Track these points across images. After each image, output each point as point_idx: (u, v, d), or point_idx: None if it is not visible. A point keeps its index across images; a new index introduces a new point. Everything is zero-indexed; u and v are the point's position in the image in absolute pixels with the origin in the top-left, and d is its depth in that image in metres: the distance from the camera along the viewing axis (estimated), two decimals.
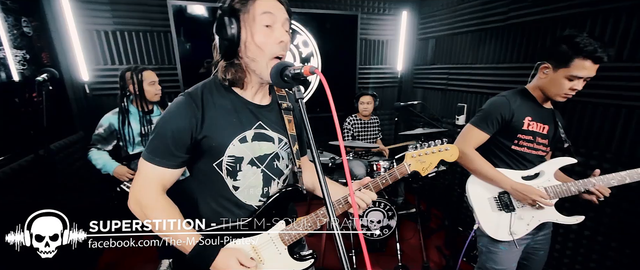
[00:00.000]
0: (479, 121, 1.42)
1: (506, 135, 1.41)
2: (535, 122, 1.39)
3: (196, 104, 0.87)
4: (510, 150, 1.42)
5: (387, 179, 1.07)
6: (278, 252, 1.01)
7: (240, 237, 0.98)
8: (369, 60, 3.62)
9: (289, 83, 0.74)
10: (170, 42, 2.77)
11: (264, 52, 0.85)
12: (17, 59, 1.91)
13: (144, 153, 0.89)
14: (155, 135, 0.88)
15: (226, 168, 0.92)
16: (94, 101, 2.67)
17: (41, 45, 2.20)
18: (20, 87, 1.88)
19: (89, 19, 2.52)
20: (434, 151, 1.09)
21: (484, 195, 1.46)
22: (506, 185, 1.39)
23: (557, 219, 1.42)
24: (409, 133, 2.60)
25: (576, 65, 1.21)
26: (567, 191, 1.37)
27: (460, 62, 3.04)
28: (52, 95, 2.14)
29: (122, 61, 2.70)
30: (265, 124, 0.97)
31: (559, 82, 1.27)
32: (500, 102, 1.40)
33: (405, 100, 3.59)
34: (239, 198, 0.96)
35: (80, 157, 2.49)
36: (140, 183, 0.88)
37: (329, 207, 0.62)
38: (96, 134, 1.90)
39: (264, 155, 0.97)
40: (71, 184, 2.30)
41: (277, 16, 0.84)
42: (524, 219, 1.42)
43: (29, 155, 1.77)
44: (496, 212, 1.45)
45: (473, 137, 1.42)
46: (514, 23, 2.42)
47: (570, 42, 1.21)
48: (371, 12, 3.44)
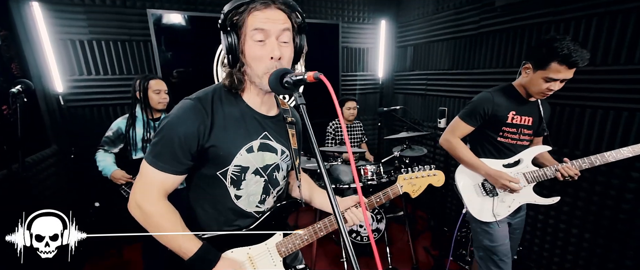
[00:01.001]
0: (464, 114, 1.59)
1: (492, 128, 1.57)
2: (519, 115, 1.54)
3: (206, 111, 0.85)
4: (495, 142, 1.58)
5: (381, 197, 1.13)
6: (273, 264, 1.01)
7: (238, 245, 0.98)
8: (351, 68, 3.70)
9: (289, 89, 0.74)
10: (150, 51, 2.71)
11: (257, 65, 0.84)
12: None
13: (147, 157, 0.86)
14: (160, 139, 0.85)
15: (231, 177, 0.92)
16: (69, 113, 2.54)
17: (10, 55, 2.09)
18: None
19: (62, 28, 2.42)
20: (423, 175, 1.19)
21: (470, 183, 1.64)
22: (481, 171, 1.56)
23: (535, 200, 1.59)
24: (394, 137, 2.68)
25: (552, 69, 1.33)
26: (543, 175, 1.54)
27: (437, 68, 3.19)
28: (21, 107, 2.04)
29: (99, 71, 2.60)
30: (270, 134, 0.97)
31: (537, 82, 1.40)
32: (484, 98, 1.55)
33: (387, 105, 3.69)
34: (240, 206, 0.96)
35: (54, 173, 2.36)
36: (142, 187, 0.86)
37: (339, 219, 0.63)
38: (105, 136, 1.99)
39: (267, 165, 0.97)
40: (47, 198, 2.17)
41: (270, 31, 0.81)
42: (506, 202, 1.59)
43: (2, 170, 1.65)
44: (481, 197, 1.62)
45: (459, 128, 1.60)
46: (485, 31, 2.58)
47: (549, 46, 1.31)
48: (351, 22, 3.54)
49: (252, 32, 0.81)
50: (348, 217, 1.06)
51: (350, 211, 1.07)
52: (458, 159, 1.62)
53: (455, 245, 2.41)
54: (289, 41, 0.86)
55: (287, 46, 0.86)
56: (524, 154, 1.59)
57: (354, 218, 1.06)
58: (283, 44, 0.85)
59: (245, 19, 0.82)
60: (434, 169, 1.21)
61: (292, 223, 2.93)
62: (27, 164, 2.01)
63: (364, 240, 2.50)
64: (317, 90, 3.39)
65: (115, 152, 2.01)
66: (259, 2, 0.81)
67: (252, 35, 0.82)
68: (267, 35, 0.82)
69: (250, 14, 0.81)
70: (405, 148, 2.66)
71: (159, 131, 0.86)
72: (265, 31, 0.82)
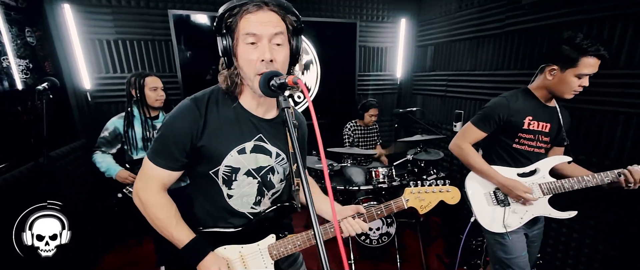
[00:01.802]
0: (478, 120, 1.52)
1: (507, 134, 1.49)
2: (536, 121, 1.45)
3: (200, 111, 0.89)
4: (511, 149, 1.51)
5: (382, 210, 1.08)
6: (264, 266, 1.01)
7: (231, 243, 0.99)
8: (368, 67, 3.64)
9: (275, 92, 0.74)
10: (171, 50, 2.81)
11: (248, 68, 0.84)
12: (20, 68, 1.95)
13: (148, 152, 0.92)
14: (159, 137, 0.90)
15: (222, 176, 0.94)
16: (95, 109, 2.70)
17: (44, 54, 2.24)
18: (23, 95, 1.91)
19: (91, 28, 2.56)
20: (434, 191, 1.10)
21: (480, 191, 1.56)
22: (494, 180, 1.48)
23: (549, 214, 1.49)
24: (407, 140, 2.60)
25: (584, 64, 1.29)
26: (560, 188, 1.44)
27: (458, 69, 3.05)
28: (54, 103, 2.17)
29: (123, 69, 2.74)
30: (265, 137, 0.97)
31: (569, 81, 1.34)
32: (499, 103, 1.47)
33: (404, 106, 3.60)
34: (231, 205, 0.98)
35: (83, 164, 2.52)
36: (143, 181, 0.92)
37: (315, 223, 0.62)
38: (101, 137, 1.93)
39: (260, 167, 0.97)
40: (73, 189, 2.32)
41: (261, 35, 0.81)
42: (518, 213, 1.50)
43: (30, 162, 1.79)
44: (492, 206, 1.54)
45: (471, 134, 1.52)
46: (511, 30, 2.43)
47: (573, 44, 1.29)
48: (370, 20, 3.47)
49: (244, 36, 0.82)
50: (344, 227, 1.04)
51: (346, 221, 1.04)
52: (469, 166, 1.55)
53: (469, 254, 2.31)
54: (283, 43, 0.85)
55: (281, 49, 0.85)
56: (541, 163, 1.49)
57: (350, 228, 1.03)
58: (276, 46, 0.84)
59: (238, 21, 0.82)
60: (448, 185, 1.11)
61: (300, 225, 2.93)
62: (57, 155, 2.16)
63: (373, 244, 2.46)
64: (335, 92, 3.38)
65: (113, 152, 1.96)
66: (251, 4, 0.81)
67: (245, 39, 0.82)
68: (259, 39, 0.82)
69: (243, 17, 0.81)
70: (420, 151, 2.58)
71: (159, 129, 0.92)
72: (257, 35, 0.81)
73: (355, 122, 3.07)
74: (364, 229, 1.03)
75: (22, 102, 1.90)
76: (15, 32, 1.95)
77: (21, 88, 1.92)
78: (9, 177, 1.64)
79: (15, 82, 1.90)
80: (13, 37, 1.92)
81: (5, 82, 1.81)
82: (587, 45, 1.27)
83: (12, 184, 1.65)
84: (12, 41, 1.91)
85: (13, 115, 1.83)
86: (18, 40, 1.97)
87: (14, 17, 1.95)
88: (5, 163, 1.67)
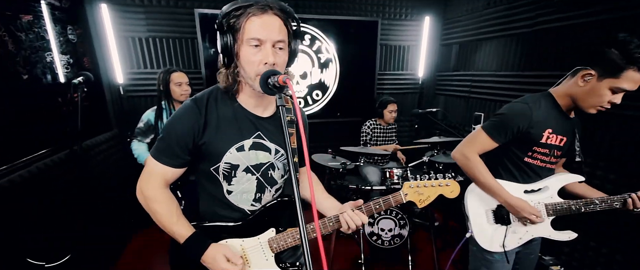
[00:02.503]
0: (492, 127, 1.31)
1: (521, 147, 1.32)
2: (555, 134, 1.28)
3: (200, 111, 0.93)
4: (521, 162, 1.35)
5: (381, 204, 1.08)
6: (265, 258, 1.04)
7: (232, 236, 1.04)
8: (389, 66, 3.58)
9: (272, 90, 0.77)
10: (196, 47, 2.94)
11: (250, 69, 0.87)
12: (62, 63, 2.14)
13: (152, 151, 0.96)
14: (162, 135, 0.96)
15: (222, 173, 0.98)
16: (127, 101, 2.90)
17: (83, 50, 2.44)
18: (64, 88, 2.10)
19: (125, 26, 2.75)
20: (433, 185, 1.09)
21: (481, 207, 1.42)
22: (501, 198, 1.33)
23: (549, 235, 1.38)
24: (425, 141, 2.54)
25: (627, 77, 1.08)
26: (567, 210, 1.32)
27: (484, 69, 2.92)
28: (90, 95, 2.38)
29: (153, 65, 2.91)
30: (264, 134, 1.00)
31: (601, 93, 1.14)
32: (520, 111, 1.26)
33: (426, 107, 3.51)
34: (231, 201, 1.02)
35: (115, 152, 2.73)
36: (146, 177, 0.97)
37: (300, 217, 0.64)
38: (138, 127, 2.16)
39: (260, 163, 1.01)
40: (106, 176, 2.52)
41: (266, 39, 0.84)
42: (518, 233, 1.39)
43: (66, 150, 1.97)
44: (491, 225, 1.41)
45: (481, 143, 1.33)
46: (542, 28, 2.29)
47: (624, 49, 1.06)
48: (392, 18, 3.41)
49: (248, 39, 0.85)
50: (343, 220, 1.05)
51: (346, 214, 1.05)
52: (474, 179, 1.37)
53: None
54: (284, 47, 0.89)
55: (283, 52, 0.89)
56: (551, 181, 1.35)
57: (349, 222, 1.04)
58: (278, 50, 0.87)
59: (242, 23, 0.84)
60: (448, 179, 1.11)
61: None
62: (91, 144, 2.36)
63: (385, 244, 2.44)
64: (354, 90, 3.36)
65: (148, 142, 2.18)
66: (256, 7, 0.83)
67: (249, 41, 0.85)
68: (263, 43, 0.85)
69: (248, 19, 0.84)
70: (437, 153, 2.51)
71: (163, 129, 0.97)
72: (262, 40, 0.85)
73: (374, 121, 3.05)
74: (364, 221, 1.04)
75: (63, 94, 2.09)
76: (59, 30, 2.14)
77: (63, 81, 2.11)
78: (49, 162, 1.82)
79: (58, 75, 2.09)
80: (57, 35, 2.11)
81: (48, 76, 1.99)
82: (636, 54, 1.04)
83: (51, 169, 1.82)
84: (56, 38, 2.10)
85: (55, 106, 2.02)
86: (61, 37, 2.16)
87: (58, 16, 2.14)
88: (47, 149, 1.86)
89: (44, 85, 1.93)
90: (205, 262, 0.95)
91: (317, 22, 3.13)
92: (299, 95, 3.30)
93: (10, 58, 1.65)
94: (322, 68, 3.28)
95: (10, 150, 1.60)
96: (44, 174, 1.76)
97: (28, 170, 1.65)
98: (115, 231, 2.58)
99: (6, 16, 1.64)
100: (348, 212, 1.04)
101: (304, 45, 3.16)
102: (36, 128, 1.80)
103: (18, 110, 1.67)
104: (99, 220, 2.27)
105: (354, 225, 1.03)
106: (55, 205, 1.82)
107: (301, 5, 3.12)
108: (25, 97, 1.74)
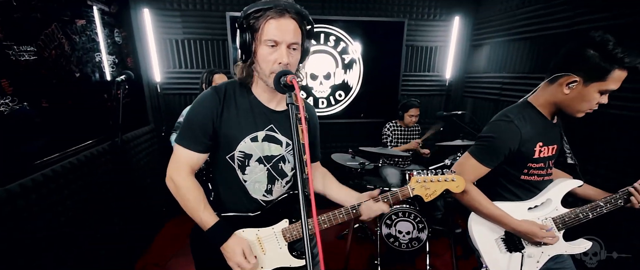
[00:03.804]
0: (479, 152, 1.22)
1: (515, 166, 1.24)
2: (547, 146, 1.21)
3: (219, 98, 1.02)
4: (518, 181, 1.26)
5: (389, 198, 1.12)
6: (278, 247, 1.11)
7: (248, 226, 1.11)
8: (415, 67, 3.53)
9: (283, 89, 0.83)
10: (226, 48, 3.11)
11: (265, 66, 0.95)
12: (109, 63, 2.38)
13: (176, 137, 1.05)
14: (185, 121, 1.04)
15: (237, 161, 1.06)
16: (163, 99, 3.14)
17: (127, 51, 2.69)
18: (110, 85, 2.34)
19: (164, 29, 2.97)
20: (439, 180, 1.11)
21: (490, 236, 1.32)
22: (508, 226, 1.25)
23: (566, 251, 1.29)
24: (446, 144, 2.49)
25: (613, 78, 1.04)
26: (575, 220, 1.24)
27: (516, 71, 2.79)
28: (131, 93, 2.61)
29: (187, 65, 3.12)
30: (276, 127, 1.07)
31: (590, 98, 1.09)
32: (508, 131, 1.17)
33: (453, 109, 3.41)
34: (247, 189, 1.09)
35: (151, 145, 2.96)
36: (174, 164, 1.04)
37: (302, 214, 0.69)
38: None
39: (271, 155, 1.08)
40: (142, 166, 2.75)
41: (281, 41, 0.91)
42: (534, 257, 1.30)
43: (108, 141, 2.19)
44: (505, 254, 1.31)
45: (473, 171, 1.23)
46: (580, 29, 2.15)
47: (604, 51, 1.02)
48: (420, 18, 3.36)
49: (265, 39, 0.92)
50: (362, 210, 1.09)
51: (365, 204, 1.09)
52: (475, 210, 1.28)
53: None
54: (297, 48, 0.96)
55: (296, 52, 0.96)
56: (552, 193, 1.27)
57: (368, 211, 1.08)
58: (292, 51, 0.95)
59: (261, 24, 0.92)
60: (453, 174, 1.11)
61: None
62: (131, 137, 2.59)
63: (402, 247, 2.42)
64: (377, 91, 3.35)
65: None
66: (274, 10, 0.91)
67: (266, 42, 0.93)
68: (278, 44, 0.93)
69: (267, 21, 0.91)
70: (460, 156, 2.44)
71: (186, 116, 1.05)
72: (278, 41, 0.92)
73: (395, 122, 3.03)
74: (384, 210, 1.10)
75: (108, 91, 2.32)
76: (107, 33, 2.38)
77: (109, 79, 2.34)
78: (95, 151, 2.04)
79: (105, 74, 2.33)
80: (105, 37, 2.35)
81: (97, 74, 2.23)
82: (623, 54, 1.00)
83: (96, 157, 2.04)
84: (105, 40, 2.33)
85: (102, 101, 2.25)
86: (108, 39, 2.40)
87: (107, 20, 2.38)
88: (94, 139, 2.08)
89: (93, 83, 2.16)
90: (225, 250, 1.02)
91: (343, 24, 3.16)
92: (322, 95, 3.35)
93: (66, 58, 1.88)
94: (345, 69, 3.31)
95: (63, 140, 1.81)
96: (90, 162, 1.97)
97: (77, 158, 1.86)
98: (148, 218, 2.81)
99: (63, 21, 1.87)
100: (368, 202, 1.09)
101: (329, 46, 3.21)
102: (85, 121, 2.02)
103: (70, 105, 1.89)
104: (134, 207, 2.49)
105: (373, 214, 1.09)
106: (98, 191, 2.04)
107: (327, 7, 3.17)
108: (76, 93, 1.96)
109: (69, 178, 1.77)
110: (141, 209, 2.65)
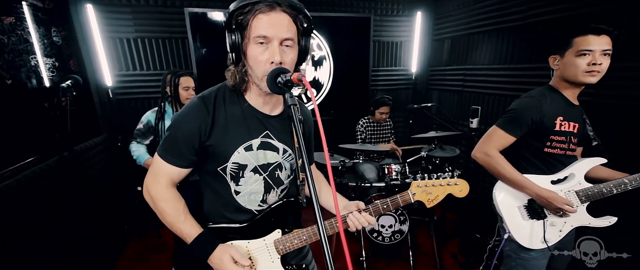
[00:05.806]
0: (506, 123, 1.37)
1: (538, 138, 1.36)
2: (567, 121, 1.34)
3: (207, 109, 0.90)
4: (542, 153, 1.37)
5: (388, 204, 1.07)
6: (271, 260, 1.02)
7: (238, 238, 1.01)
8: (382, 62, 3.59)
9: (282, 89, 0.75)
10: (187, 47, 2.87)
11: (257, 67, 0.84)
12: (47, 67, 2.05)
13: (159, 149, 0.93)
14: (168, 134, 0.92)
15: (230, 173, 0.95)
16: (116, 105, 2.81)
17: (69, 53, 2.35)
18: (50, 92, 2.02)
19: (112, 27, 2.66)
20: (442, 184, 1.08)
21: (513, 204, 1.42)
22: (531, 191, 1.35)
23: (589, 223, 1.38)
24: (422, 136, 2.55)
25: (579, 42, 1.23)
26: (599, 194, 1.33)
27: (476, 63, 2.95)
28: (78, 99, 2.29)
29: (142, 67, 2.83)
30: (272, 133, 0.98)
31: (574, 63, 1.26)
32: (530, 104, 1.33)
33: (419, 102, 3.53)
34: (239, 202, 0.99)
35: (105, 157, 2.64)
36: (152, 176, 0.94)
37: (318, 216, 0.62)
38: (137, 129, 2.13)
39: (268, 163, 0.99)
40: (96, 181, 2.44)
41: (273, 37, 0.81)
42: (557, 226, 1.39)
43: (55, 157, 1.89)
44: (528, 221, 1.40)
45: (499, 139, 1.37)
46: (532, 22, 2.32)
47: (561, 31, 1.29)
48: (384, 14, 3.41)
49: (255, 37, 0.81)
50: (350, 221, 1.04)
51: (353, 215, 1.04)
52: (499, 176, 1.39)
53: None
54: (292, 45, 0.85)
55: (291, 50, 0.85)
56: (575, 168, 1.37)
57: (355, 222, 1.03)
58: (286, 48, 0.84)
59: (249, 20, 0.81)
60: (456, 178, 1.09)
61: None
62: (80, 149, 2.27)
63: (385, 241, 2.44)
64: (348, 87, 3.34)
65: (147, 143, 2.15)
66: (264, 3, 0.80)
67: (255, 39, 0.82)
68: (269, 41, 0.82)
69: (255, 16, 0.81)
70: (435, 148, 2.53)
71: (169, 127, 0.93)
72: (268, 37, 0.81)
73: (368, 119, 3.05)
74: (371, 222, 1.03)
75: (49, 98, 2.00)
76: (43, 32, 2.05)
77: (48, 85, 2.02)
78: (37, 169, 1.75)
79: (43, 79, 2.00)
80: (40, 37, 2.02)
81: (33, 80, 1.91)
82: (577, 26, 1.24)
83: (40, 176, 1.75)
84: (40, 41, 2.01)
85: (41, 111, 1.94)
86: (45, 39, 2.07)
87: (41, 17, 2.05)
88: (35, 156, 1.78)
89: (29, 90, 1.85)
90: (212, 262, 0.92)
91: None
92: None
93: None
94: (316, 66, 3.25)
95: None
96: (32, 183, 1.68)
97: (15, 179, 1.57)
98: (110, 238, 2.50)
99: None
100: (355, 213, 1.03)
101: None
102: (23, 135, 1.72)
103: (3, 117, 1.59)
104: (92, 227, 2.19)
105: (360, 226, 1.03)
106: (46, 213, 1.75)
107: None
108: (10, 102, 1.66)
109: (9, 204, 1.49)
110: (101, 229, 2.35)
